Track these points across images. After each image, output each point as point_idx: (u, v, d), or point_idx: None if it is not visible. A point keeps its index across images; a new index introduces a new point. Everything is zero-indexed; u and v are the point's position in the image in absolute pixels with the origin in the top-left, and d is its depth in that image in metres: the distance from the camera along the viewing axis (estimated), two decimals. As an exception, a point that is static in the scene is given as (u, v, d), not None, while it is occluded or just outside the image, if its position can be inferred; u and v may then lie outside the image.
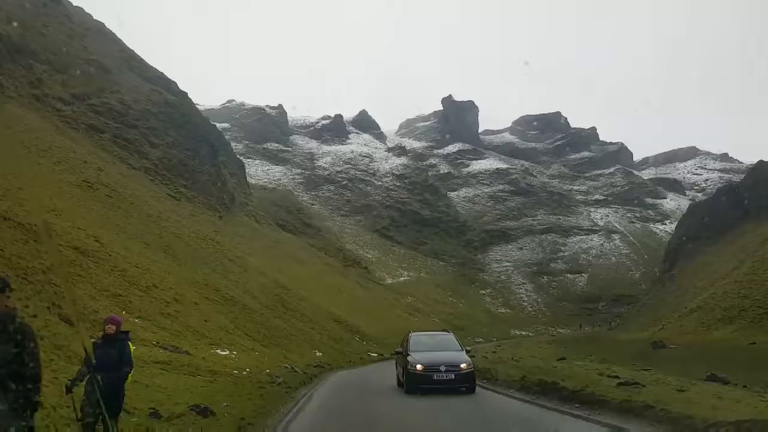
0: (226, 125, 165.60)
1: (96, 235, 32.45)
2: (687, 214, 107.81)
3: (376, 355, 50.03)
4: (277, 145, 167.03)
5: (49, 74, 68.59)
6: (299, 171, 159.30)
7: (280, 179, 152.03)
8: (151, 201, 57.28)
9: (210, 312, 32.99)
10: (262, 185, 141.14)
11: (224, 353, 25.01)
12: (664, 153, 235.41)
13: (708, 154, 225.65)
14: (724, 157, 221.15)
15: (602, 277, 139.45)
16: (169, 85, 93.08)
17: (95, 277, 25.93)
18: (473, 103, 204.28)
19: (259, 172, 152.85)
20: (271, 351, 31.77)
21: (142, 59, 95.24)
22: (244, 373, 21.57)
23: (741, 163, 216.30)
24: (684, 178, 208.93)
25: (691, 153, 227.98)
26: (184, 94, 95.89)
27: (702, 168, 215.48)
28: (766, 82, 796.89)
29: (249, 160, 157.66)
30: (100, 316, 18.07)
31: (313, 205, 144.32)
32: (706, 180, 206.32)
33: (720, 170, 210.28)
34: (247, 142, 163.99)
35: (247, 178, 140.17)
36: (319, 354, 39.58)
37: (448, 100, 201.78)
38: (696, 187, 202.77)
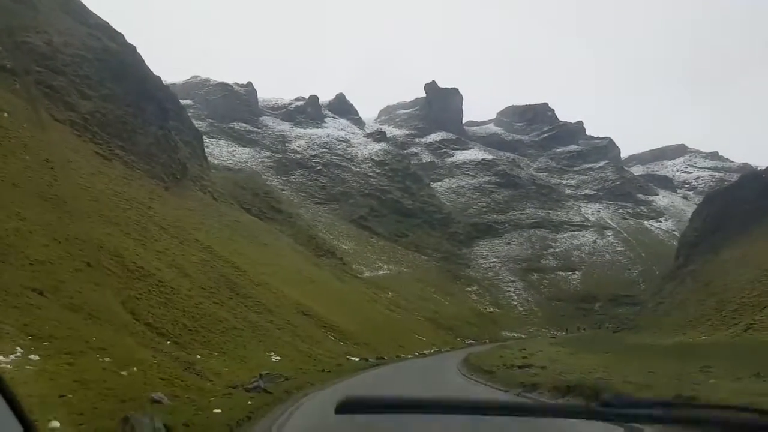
0: (188, 102, 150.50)
1: None
2: (704, 204, 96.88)
3: (357, 359, 36.92)
4: (244, 125, 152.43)
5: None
6: (269, 154, 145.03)
7: (247, 161, 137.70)
8: (62, 151, 43.16)
9: (83, 283, 19.52)
10: (226, 166, 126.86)
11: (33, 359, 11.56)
12: (651, 151, 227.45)
13: (697, 152, 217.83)
14: (714, 155, 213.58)
15: (597, 275, 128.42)
16: (113, 36, 78.41)
17: None
18: (458, 90, 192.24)
19: (223, 152, 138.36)
20: (180, 352, 18.43)
21: (83, 4, 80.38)
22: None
23: (732, 162, 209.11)
24: (674, 176, 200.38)
25: (679, 151, 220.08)
26: (132, 48, 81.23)
27: (692, 166, 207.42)
28: (753, 82, 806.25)
29: (212, 139, 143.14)
30: None
31: (283, 190, 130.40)
32: (697, 178, 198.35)
33: (711, 169, 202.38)
34: (211, 120, 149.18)
35: (210, 158, 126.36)
36: (275, 359, 26.38)
37: (431, 86, 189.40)
38: (686, 185, 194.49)
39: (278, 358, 26.68)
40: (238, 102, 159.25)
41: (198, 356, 20.50)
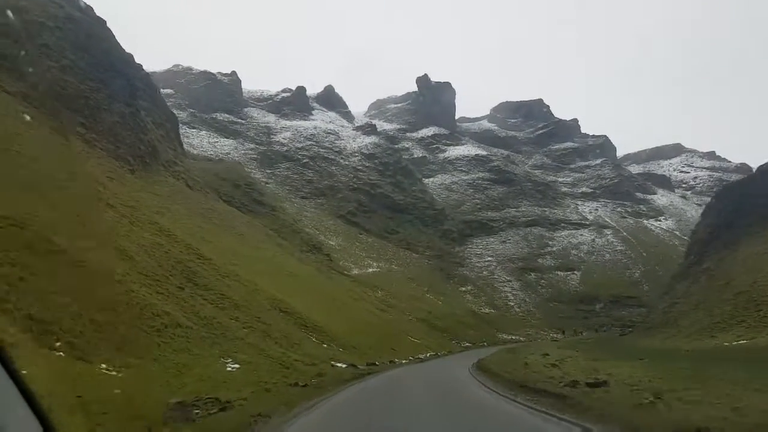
0: (169, 91, 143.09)
1: None
2: (717, 199, 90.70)
3: (343, 365, 30.02)
4: (228, 116, 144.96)
5: None
6: (253, 146, 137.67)
7: (229, 153, 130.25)
8: (9, 124, 36.03)
9: None
10: (206, 156, 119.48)
11: None
12: (646, 150, 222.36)
13: (694, 152, 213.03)
14: (711, 155, 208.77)
15: (597, 275, 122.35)
16: (79, 6, 70.95)
17: None
18: (450, 84, 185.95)
19: (204, 143, 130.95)
20: (70, 359, 11.55)
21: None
22: None
23: (729, 162, 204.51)
24: (670, 175, 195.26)
25: (675, 150, 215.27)
26: (102, 21, 73.86)
27: (689, 166, 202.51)
28: (749, 83, 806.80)
29: (193, 130, 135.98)
30: None
31: (267, 183, 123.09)
32: (695, 178, 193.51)
33: (709, 168, 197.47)
34: (192, 110, 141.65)
35: (190, 149, 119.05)
36: (231, 368, 19.48)
37: (423, 80, 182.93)
38: (684, 185, 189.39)
39: (236, 366, 19.76)
40: (222, 92, 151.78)
41: (102, 365, 13.57)
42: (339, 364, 29.77)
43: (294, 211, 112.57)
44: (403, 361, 46.07)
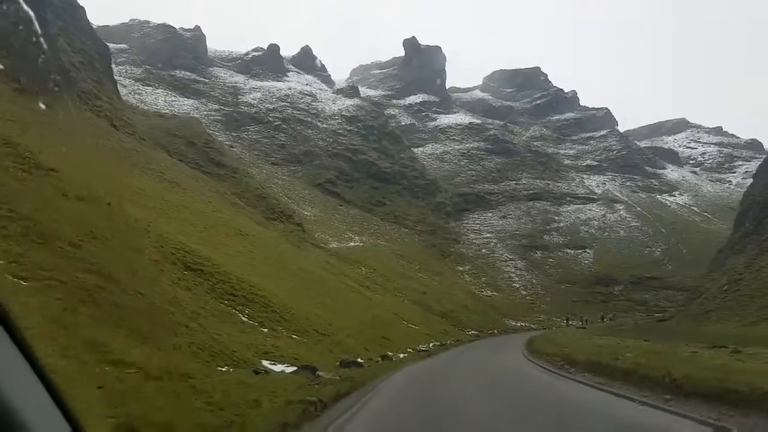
0: (122, 46, 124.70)
1: None
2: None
3: (288, 370, 13.17)
4: (189, 74, 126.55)
5: None
6: (217, 107, 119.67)
7: (189, 113, 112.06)
8: None
9: None
10: (158, 112, 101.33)
11: None
12: (648, 125, 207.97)
13: (699, 127, 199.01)
14: (718, 131, 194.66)
15: (612, 254, 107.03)
16: None
17: None
18: (440, 49, 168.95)
19: (159, 101, 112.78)
20: None
21: None
22: None
23: (738, 138, 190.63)
24: (677, 150, 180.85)
25: (680, 126, 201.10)
26: None
27: (695, 141, 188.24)
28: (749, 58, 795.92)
29: (148, 87, 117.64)
30: None
31: (232, 147, 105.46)
32: (703, 154, 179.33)
33: (717, 144, 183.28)
34: (148, 66, 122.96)
35: (142, 107, 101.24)
36: None
37: (411, 43, 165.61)
38: (692, 161, 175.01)
39: None
40: (183, 48, 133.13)
41: None
42: (275, 368, 13.16)
43: (263, 178, 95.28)
44: (401, 355, 29.67)
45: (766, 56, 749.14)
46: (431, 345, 40.92)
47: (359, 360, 20.10)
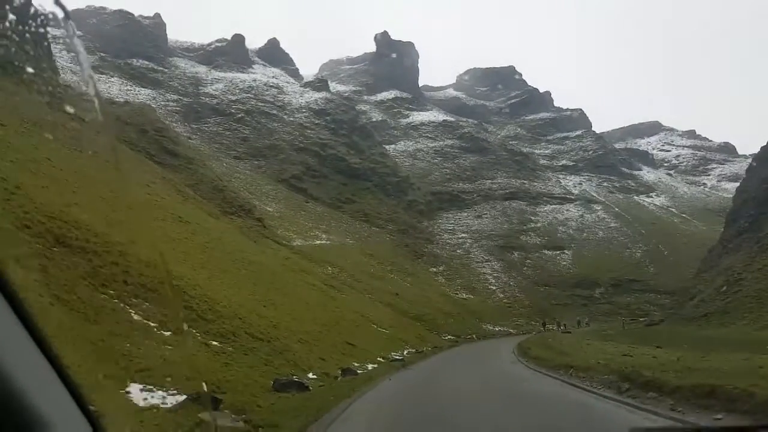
0: (78, 33, 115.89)
1: None
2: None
3: (224, 424, 6.85)
4: (147, 63, 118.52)
5: None
6: (176, 98, 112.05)
7: (145, 103, 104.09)
8: None
9: None
10: (110, 99, 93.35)
11: None
12: (622, 128, 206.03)
13: (673, 130, 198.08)
14: (692, 134, 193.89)
15: (591, 255, 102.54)
16: None
17: None
18: (413, 45, 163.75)
19: (113, 90, 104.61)
20: None
21: None
22: None
23: (711, 141, 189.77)
24: (651, 153, 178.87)
25: (653, 129, 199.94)
26: None
27: (669, 144, 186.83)
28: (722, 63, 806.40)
29: (102, 75, 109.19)
30: None
31: (190, 139, 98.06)
32: (678, 156, 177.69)
33: (691, 147, 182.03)
34: (103, 54, 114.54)
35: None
36: None
37: (383, 38, 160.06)
38: (666, 164, 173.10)
39: None
40: (142, 35, 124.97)
41: None
42: (142, 397, 6.90)
43: (222, 171, 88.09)
44: (370, 366, 23.48)
45: (739, 61, 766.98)
46: (406, 352, 34.83)
47: (306, 379, 13.87)
